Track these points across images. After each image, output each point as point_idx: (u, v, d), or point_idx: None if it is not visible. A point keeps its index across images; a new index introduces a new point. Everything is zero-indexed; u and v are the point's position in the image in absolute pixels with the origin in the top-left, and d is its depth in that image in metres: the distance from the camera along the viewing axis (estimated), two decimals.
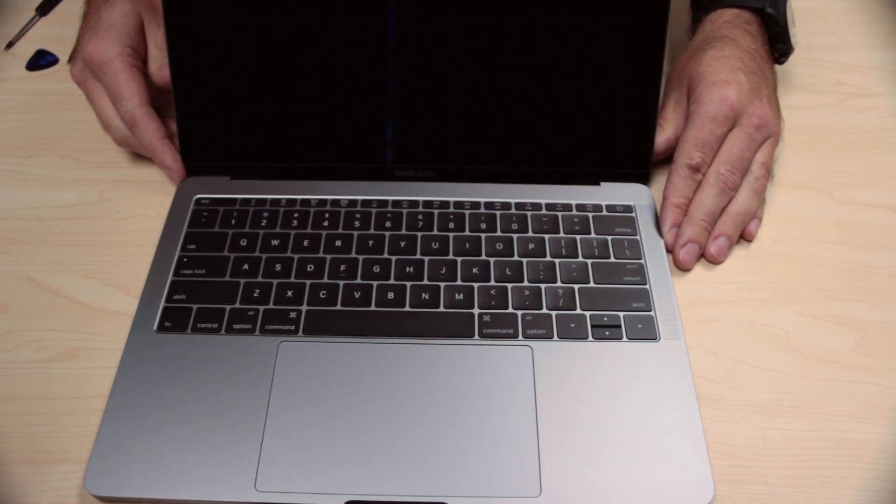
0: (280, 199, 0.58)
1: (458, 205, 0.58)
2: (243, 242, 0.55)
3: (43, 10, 0.76)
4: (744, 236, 0.57)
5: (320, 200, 0.58)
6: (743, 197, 0.56)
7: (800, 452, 0.47)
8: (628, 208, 0.58)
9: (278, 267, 0.54)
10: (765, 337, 0.53)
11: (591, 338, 0.51)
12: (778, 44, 0.62)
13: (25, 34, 0.74)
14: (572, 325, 0.51)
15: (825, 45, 0.73)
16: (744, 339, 0.52)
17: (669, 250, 0.56)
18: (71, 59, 0.62)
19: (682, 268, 0.55)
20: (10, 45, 0.72)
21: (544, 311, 0.52)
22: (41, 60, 0.71)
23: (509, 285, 0.53)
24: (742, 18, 0.62)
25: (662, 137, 0.58)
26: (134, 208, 0.59)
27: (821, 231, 0.59)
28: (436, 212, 0.57)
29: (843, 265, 0.56)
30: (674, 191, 0.56)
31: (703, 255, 0.56)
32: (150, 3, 0.60)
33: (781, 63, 0.64)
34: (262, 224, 0.56)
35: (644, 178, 0.59)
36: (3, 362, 0.51)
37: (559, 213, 0.57)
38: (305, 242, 0.55)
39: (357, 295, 0.52)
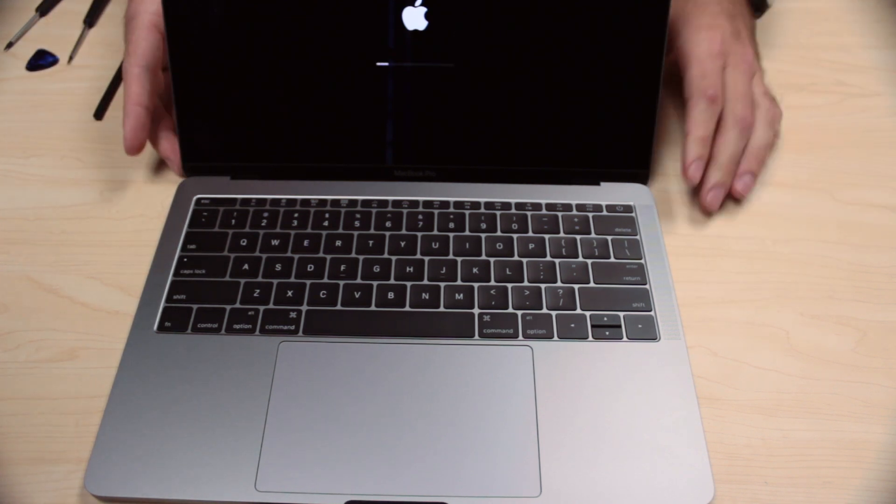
0: (280, 199, 0.58)
1: (459, 205, 0.58)
2: (243, 242, 0.55)
3: (43, 10, 0.76)
4: (733, 193, 0.58)
5: (320, 200, 0.58)
6: (760, 131, 0.58)
7: (800, 452, 0.47)
8: (628, 208, 0.58)
9: (278, 267, 0.54)
10: (765, 337, 0.53)
11: (591, 338, 0.50)
12: (754, 4, 0.65)
13: (25, 34, 0.74)
14: (572, 325, 0.51)
15: (825, 45, 0.73)
16: (744, 339, 0.52)
17: (692, 184, 0.56)
18: None
19: (708, 209, 0.57)
20: (10, 45, 0.72)
21: (544, 310, 0.52)
22: (41, 60, 0.71)
23: (509, 285, 0.53)
24: None
25: None
26: (134, 208, 0.59)
27: (821, 231, 0.59)
28: (436, 212, 0.57)
29: (843, 265, 0.56)
30: (697, 124, 0.56)
31: (728, 194, 0.57)
32: None
33: (757, 17, 0.66)
34: (263, 224, 0.56)
35: (644, 178, 0.59)
36: (3, 362, 0.51)
37: (559, 213, 0.57)
38: (305, 242, 0.55)
39: (357, 295, 0.52)
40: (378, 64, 0.57)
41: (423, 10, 0.55)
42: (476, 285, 0.53)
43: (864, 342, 0.52)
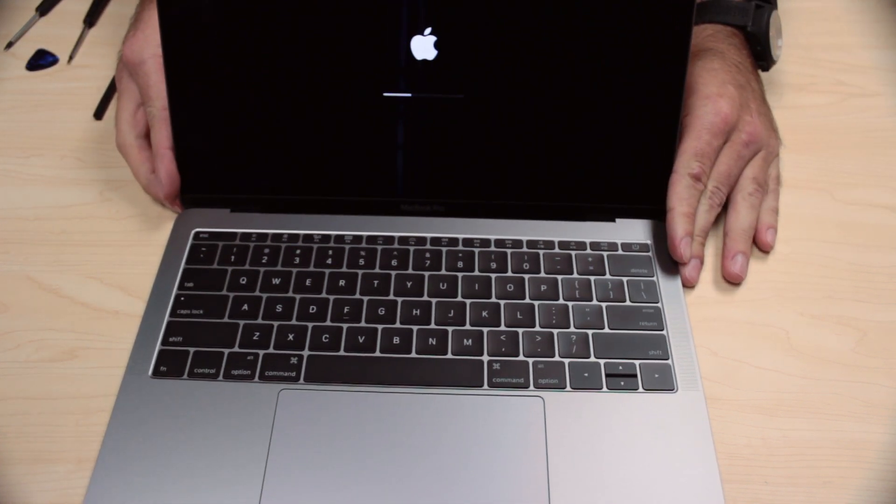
0: (282, 235, 0.56)
1: (468, 242, 0.55)
2: (243, 281, 0.53)
3: (43, 10, 0.76)
4: (761, 247, 0.57)
5: (323, 236, 0.56)
6: (742, 213, 0.56)
7: (800, 452, 0.47)
8: (644, 247, 0.56)
9: (279, 308, 0.52)
10: (765, 337, 0.53)
11: (605, 388, 0.48)
12: (759, 61, 0.63)
13: (25, 34, 0.74)
14: (586, 375, 0.49)
15: (825, 45, 0.73)
16: (744, 339, 0.52)
17: (683, 262, 0.54)
18: None
19: (689, 284, 0.54)
20: (10, 45, 0.72)
21: (557, 358, 0.50)
22: (41, 60, 0.71)
23: (520, 330, 0.51)
24: (725, 32, 0.62)
25: None
26: (134, 208, 0.59)
27: (821, 231, 0.59)
28: (444, 249, 0.55)
29: (843, 265, 0.56)
30: (681, 200, 0.54)
31: (725, 277, 0.55)
32: None
33: (765, 71, 0.64)
34: (263, 261, 0.54)
35: (661, 215, 0.56)
36: (3, 362, 0.51)
37: (573, 252, 0.55)
38: (308, 282, 0.53)
39: (361, 339, 0.50)
40: (385, 94, 0.55)
41: (433, 39, 0.53)
42: (485, 330, 0.51)
43: (864, 342, 0.52)
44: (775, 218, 0.58)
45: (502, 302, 0.52)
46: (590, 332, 0.51)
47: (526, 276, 0.54)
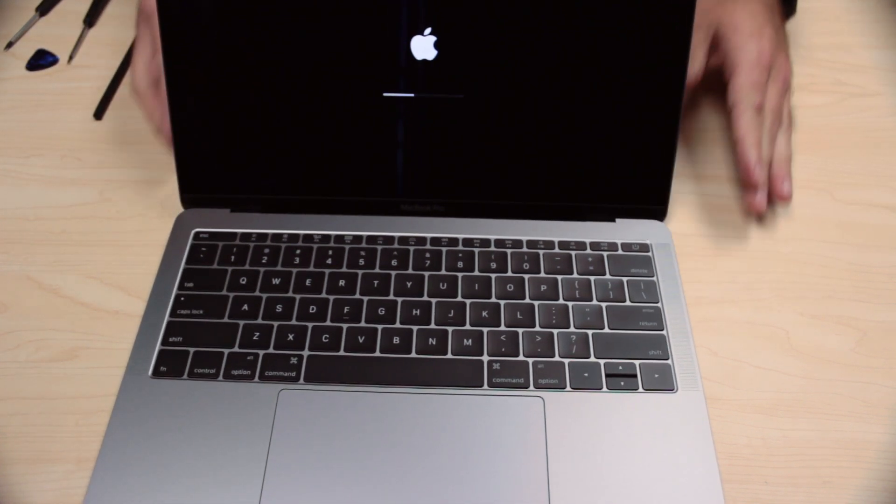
0: (282, 235, 0.56)
1: (468, 242, 0.56)
2: (243, 281, 0.53)
3: (43, 10, 0.76)
4: (779, 197, 0.59)
5: (323, 236, 0.56)
6: (783, 145, 0.60)
7: (800, 452, 0.47)
8: (644, 247, 0.56)
9: (279, 308, 0.52)
10: (765, 337, 0.53)
11: (605, 388, 0.48)
12: (785, 7, 0.67)
13: (25, 34, 0.74)
14: (586, 375, 0.49)
15: (825, 45, 0.73)
16: (744, 339, 0.52)
17: (758, 186, 0.56)
18: None
19: (760, 210, 0.57)
20: (9, 45, 0.72)
21: (557, 358, 0.50)
22: (41, 60, 0.71)
23: (520, 330, 0.51)
24: None
25: (690, 71, 0.58)
26: (134, 208, 0.59)
27: (821, 231, 0.59)
28: (444, 249, 0.55)
29: (843, 265, 0.56)
30: (749, 131, 0.57)
31: (778, 198, 0.58)
32: None
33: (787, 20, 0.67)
34: (263, 261, 0.54)
35: (661, 215, 0.57)
36: (3, 362, 0.51)
37: (573, 252, 0.55)
38: (307, 282, 0.53)
39: (361, 340, 0.50)
40: (385, 94, 0.54)
41: (433, 39, 0.53)
42: (485, 330, 0.51)
43: (864, 342, 0.52)
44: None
45: (502, 302, 0.53)
46: (590, 332, 0.51)
47: (526, 276, 0.54)
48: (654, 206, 0.57)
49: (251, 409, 0.47)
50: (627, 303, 0.53)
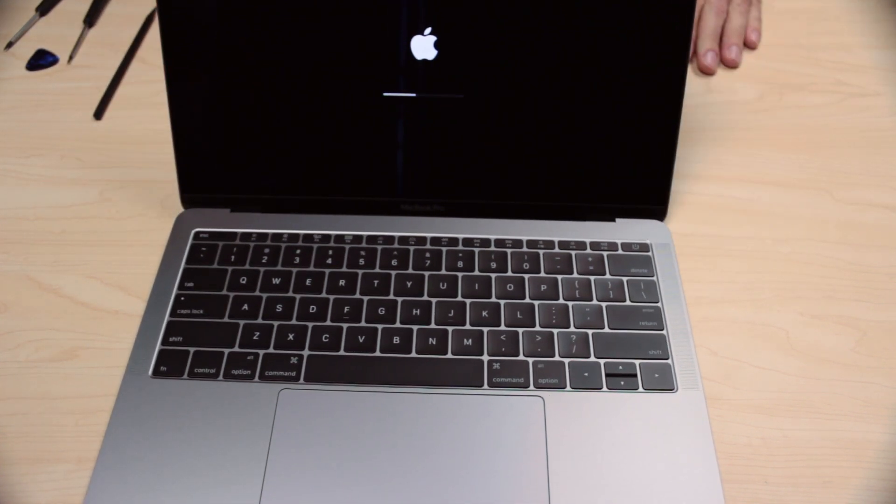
0: (282, 234, 0.56)
1: (468, 242, 0.56)
2: (243, 280, 0.53)
3: (43, 9, 0.76)
4: (748, 45, 0.73)
5: (323, 236, 0.56)
6: (734, 18, 0.73)
7: (800, 452, 0.47)
8: (644, 246, 0.56)
9: (279, 308, 0.52)
10: (765, 337, 0.53)
11: (605, 388, 0.48)
12: None
13: (25, 34, 0.74)
14: (586, 374, 0.49)
15: (825, 45, 0.73)
16: (744, 339, 0.52)
17: (705, 70, 0.70)
18: None
19: (708, 71, 0.70)
20: (9, 45, 0.72)
21: (557, 358, 0.50)
22: (41, 60, 0.71)
23: (520, 330, 0.51)
24: None
25: None
26: (134, 208, 0.59)
27: (821, 231, 0.59)
28: (444, 249, 0.55)
29: (843, 265, 0.56)
30: (707, 22, 0.72)
31: (724, 62, 0.71)
32: None
33: None
34: (263, 261, 0.54)
35: (661, 215, 0.57)
36: (3, 362, 0.51)
37: (573, 252, 0.55)
38: (308, 281, 0.53)
39: (361, 339, 0.50)
40: (385, 94, 0.54)
41: (433, 39, 0.53)
42: (485, 330, 0.51)
43: (864, 342, 0.52)
44: (759, 24, 0.74)
45: (502, 302, 0.52)
46: (590, 331, 0.51)
47: (526, 276, 0.54)
48: (654, 205, 0.57)
49: (251, 408, 0.47)
50: (627, 302, 0.53)
